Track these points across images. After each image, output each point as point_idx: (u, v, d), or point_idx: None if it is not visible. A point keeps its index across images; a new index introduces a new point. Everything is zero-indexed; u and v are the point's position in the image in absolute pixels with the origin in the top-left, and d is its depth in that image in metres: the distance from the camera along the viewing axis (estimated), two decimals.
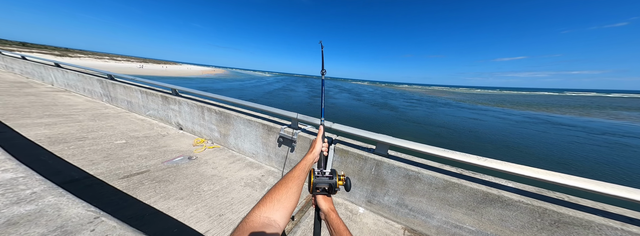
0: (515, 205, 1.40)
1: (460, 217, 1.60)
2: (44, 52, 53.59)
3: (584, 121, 25.79)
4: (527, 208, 1.36)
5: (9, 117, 3.36)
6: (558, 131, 18.01)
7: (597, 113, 34.44)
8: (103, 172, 2.15)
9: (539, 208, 1.33)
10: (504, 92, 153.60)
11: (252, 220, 0.49)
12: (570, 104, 50.71)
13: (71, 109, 4.18)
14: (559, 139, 14.60)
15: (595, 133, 18.27)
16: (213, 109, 3.02)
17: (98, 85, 4.88)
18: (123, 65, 49.22)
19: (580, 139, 15.30)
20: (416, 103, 33.94)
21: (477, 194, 1.51)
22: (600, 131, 18.94)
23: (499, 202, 1.45)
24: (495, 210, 1.47)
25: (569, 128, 19.64)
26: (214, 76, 58.34)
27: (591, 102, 67.82)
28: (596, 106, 47.44)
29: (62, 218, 0.87)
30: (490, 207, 1.48)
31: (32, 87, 5.77)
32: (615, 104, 57.65)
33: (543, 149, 12.10)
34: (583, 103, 57.07)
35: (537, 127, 19.27)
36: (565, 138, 15.43)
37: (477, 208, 1.52)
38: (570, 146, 13.01)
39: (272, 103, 21.90)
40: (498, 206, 1.45)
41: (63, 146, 2.60)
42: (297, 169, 0.70)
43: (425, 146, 1.65)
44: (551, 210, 1.31)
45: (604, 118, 29.49)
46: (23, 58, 7.37)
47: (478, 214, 1.53)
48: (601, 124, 23.27)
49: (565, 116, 29.70)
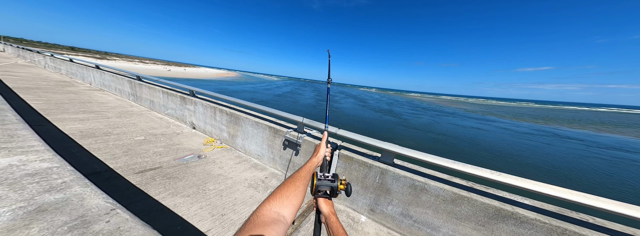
0: (531, 223, 1.28)
1: (469, 232, 1.49)
2: (87, 56, 59.53)
3: (593, 135, 24.37)
4: (544, 227, 1.24)
5: (50, 111, 3.74)
6: (569, 145, 17.22)
7: (620, 130, 31.08)
8: (121, 166, 2.30)
9: (558, 227, 1.21)
10: (524, 105, 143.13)
11: (263, 214, 0.50)
12: (604, 121, 45.97)
13: (102, 106, 4.56)
14: (563, 152, 14.20)
15: (592, 145, 17.75)
16: (224, 110, 3.14)
17: (128, 85, 5.30)
18: (150, 67, 53.18)
19: (579, 151, 14.88)
20: (422, 111, 33.60)
21: (488, 209, 1.40)
22: (598, 145, 18.06)
23: (512, 219, 1.33)
24: (508, 226, 1.35)
25: (577, 142, 18.81)
26: (228, 79, 61.17)
27: (627, 119, 60.74)
28: (627, 124, 42.34)
29: (84, 207, 0.94)
30: (502, 224, 1.37)
31: (74, 86, 6.40)
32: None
33: (543, 161, 11.91)
34: (619, 120, 51.25)
35: (542, 139, 18.54)
36: (570, 150, 14.99)
37: (488, 224, 1.41)
38: (569, 159, 12.76)
39: (281, 105, 22.60)
40: (511, 224, 1.34)
41: (91, 140, 2.83)
42: (303, 170, 0.71)
43: (434, 157, 1.58)
44: (572, 230, 1.18)
45: (611, 133, 27.13)
46: (71, 60, 8.25)
47: (488, 230, 1.42)
48: (607, 140, 22.05)
49: (579, 130, 27.78)
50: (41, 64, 10.35)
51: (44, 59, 10.06)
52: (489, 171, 1.41)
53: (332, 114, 20.79)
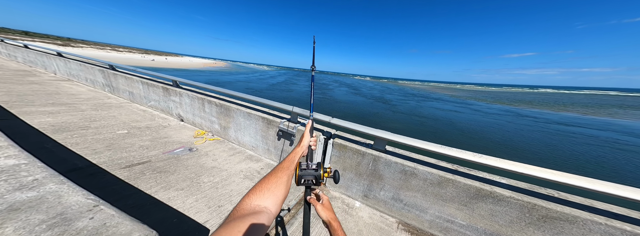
0: (506, 201, 1.43)
1: (453, 212, 1.64)
2: (47, 42, 53.16)
3: (546, 113, 29.06)
4: (517, 204, 1.40)
5: (13, 104, 3.40)
6: (524, 122, 20.40)
7: (578, 110, 36.30)
8: (105, 161, 2.19)
9: (529, 203, 1.37)
10: (505, 90, 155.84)
11: (243, 208, 0.51)
12: (576, 103, 51.56)
13: (74, 98, 4.20)
14: (518, 128, 17.08)
15: (543, 122, 21.06)
16: (213, 101, 3.04)
17: (100, 75, 4.88)
18: (126, 56, 48.91)
19: (525, 127, 17.89)
20: (410, 97, 36.61)
21: (470, 190, 1.54)
22: (548, 121, 21.68)
23: (490, 198, 1.48)
24: (486, 205, 1.51)
25: (534, 120, 22.18)
26: (218, 69, 58.65)
27: (591, 100, 68.31)
28: (597, 105, 48.18)
29: (62, 205, 0.88)
30: (482, 202, 1.52)
31: (35, 75, 5.77)
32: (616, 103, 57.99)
33: (501, 136, 14.22)
34: (586, 102, 57.46)
35: (506, 118, 21.60)
36: (523, 126, 17.95)
37: (469, 203, 1.56)
38: (520, 133, 15.36)
39: (276, 95, 23.05)
40: (490, 202, 1.49)
41: (66, 135, 2.64)
42: (286, 161, 0.72)
43: (424, 142, 1.67)
44: (540, 205, 1.34)
45: (579, 114, 31.67)
46: (26, 47, 7.35)
47: (470, 209, 1.57)
48: (555, 116, 26.45)
49: (538, 110, 32.37)
50: None
51: None
52: (471, 153, 1.53)
53: (325, 102, 21.54)
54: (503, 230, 1.49)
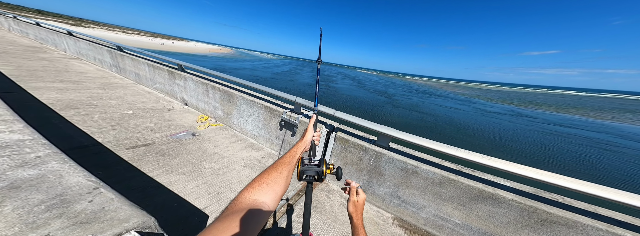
0: (507, 203, 1.41)
1: (450, 211, 1.63)
2: (59, 21, 53.18)
3: (547, 114, 29.35)
4: (518, 207, 1.38)
5: (23, 79, 3.45)
6: (522, 121, 20.81)
7: (574, 111, 36.21)
8: (110, 141, 2.23)
9: (530, 206, 1.34)
10: (518, 90, 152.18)
11: (241, 202, 0.50)
12: (588, 106, 50.52)
13: (82, 76, 4.24)
14: (513, 127, 17.51)
15: (540, 122, 21.47)
16: (217, 87, 3.01)
17: (108, 55, 4.88)
18: (134, 38, 48.75)
19: (521, 126, 18.47)
20: (414, 93, 36.80)
21: (471, 191, 1.51)
22: (546, 122, 22.05)
23: (491, 200, 1.46)
24: (485, 206, 1.48)
25: (532, 120, 22.69)
26: (223, 55, 58.54)
27: (606, 104, 66.12)
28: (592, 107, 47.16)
29: (62, 185, 0.87)
30: (481, 204, 1.49)
31: (46, 52, 5.83)
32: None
33: (492, 133, 14.76)
34: (601, 105, 55.90)
35: (506, 118, 21.86)
36: (518, 126, 18.34)
37: (468, 204, 1.54)
38: (513, 132, 15.78)
39: (280, 85, 23.37)
40: (490, 204, 1.47)
41: (74, 112, 2.68)
42: (288, 156, 0.71)
43: (430, 141, 1.63)
44: (541, 209, 1.32)
45: (580, 116, 32.20)
46: (37, 24, 7.36)
47: (467, 209, 1.55)
48: (555, 117, 26.85)
49: (540, 111, 32.85)
50: (5, 26, 9.22)
51: (7, 20, 8.92)
52: (479, 155, 1.48)
53: (328, 94, 21.63)
54: (497, 231, 1.48)
